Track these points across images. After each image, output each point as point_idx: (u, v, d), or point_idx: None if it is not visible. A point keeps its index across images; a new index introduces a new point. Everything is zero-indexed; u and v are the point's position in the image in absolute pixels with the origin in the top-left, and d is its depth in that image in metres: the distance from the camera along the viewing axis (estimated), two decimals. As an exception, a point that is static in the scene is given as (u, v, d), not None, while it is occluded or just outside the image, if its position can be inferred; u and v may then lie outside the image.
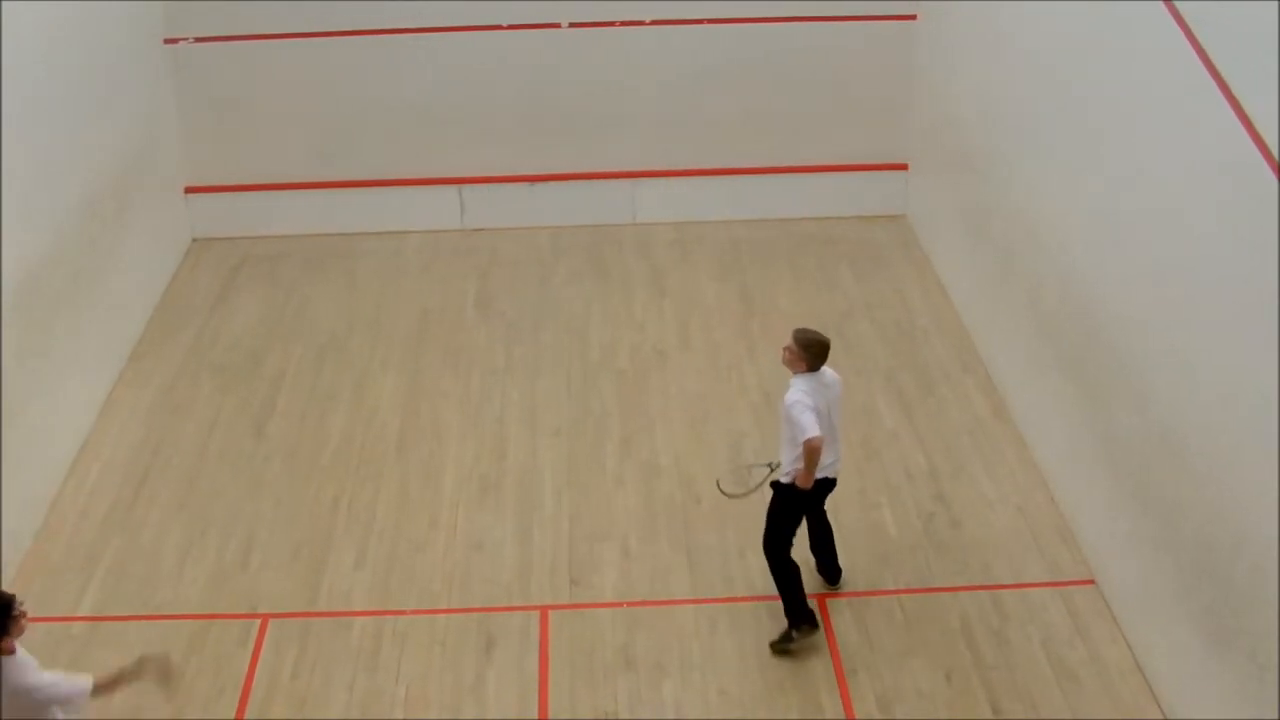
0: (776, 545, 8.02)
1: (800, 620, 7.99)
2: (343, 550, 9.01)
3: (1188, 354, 7.28)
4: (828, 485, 8.08)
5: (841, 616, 8.32)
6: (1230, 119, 6.81)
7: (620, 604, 8.50)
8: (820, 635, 8.11)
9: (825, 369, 7.93)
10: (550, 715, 7.70)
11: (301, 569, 8.84)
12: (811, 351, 7.82)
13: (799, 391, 7.77)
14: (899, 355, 11.08)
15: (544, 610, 8.47)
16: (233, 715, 7.71)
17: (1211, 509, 7.05)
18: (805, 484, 7.77)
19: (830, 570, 8.53)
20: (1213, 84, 7.02)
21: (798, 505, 8.01)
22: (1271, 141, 6.47)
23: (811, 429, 7.61)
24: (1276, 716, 6.43)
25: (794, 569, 8.02)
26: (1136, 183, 8.01)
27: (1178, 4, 7.46)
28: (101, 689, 6.20)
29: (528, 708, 7.75)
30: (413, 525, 9.24)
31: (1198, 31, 7.25)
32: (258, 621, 8.39)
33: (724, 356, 11.12)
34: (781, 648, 8.01)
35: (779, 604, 8.04)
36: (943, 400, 10.48)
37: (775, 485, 8.02)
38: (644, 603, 8.51)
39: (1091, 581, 8.59)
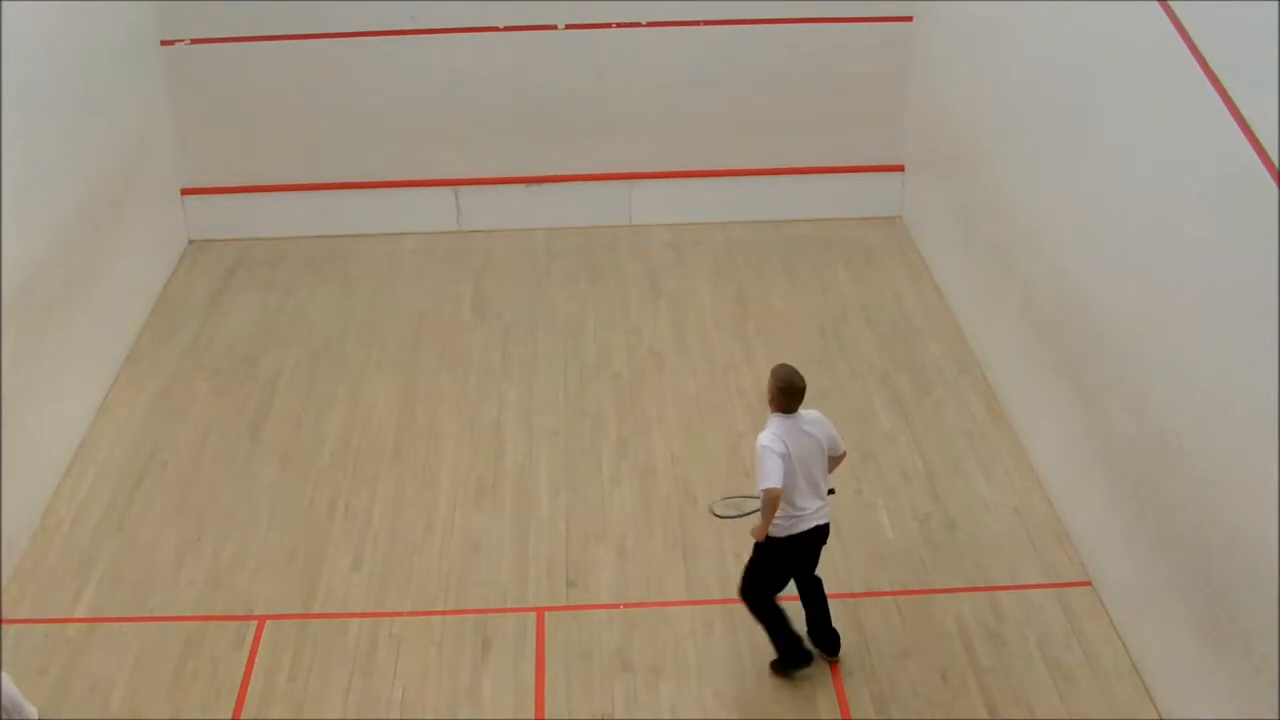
0: (754, 599, 7.68)
1: (795, 664, 7.76)
2: (339, 552, 9.01)
3: (1184, 356, 7.29)
4: (818, 536, 7.54)
5: (838, 617, 8.28)
6: (1227, 121, 6.82)
7: (616, 606, 8.51)
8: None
9: (804, 411, 7.41)
10: (546, 717, 7.70)
11: (298, 571, 8.84)
12: (783, 392, 7.32)
13: (769, 434, 7.28)
14: (895, 357, 11.09)
15: (540, 612, 8.47)
16: (229, 717, 7.71)
17: (1207, 510, 7.06)
18: (757, 536, 7.41)
19: (825, 638, 7.96)
20: (1209, 86, 7.03)
21: (776, 560, 7.54)
22: (1267, 143, 6.48)
23: (771, 478, 7.14)
24: (1272, 718, 6.45)
25: (777, 609, 7.65)
26: (1132, 184, 8.02)
27: (1174, 5, 7.47)
28: None
29: (524, 709, 7.75)
30: (409, 527, 9.24)
31: (1194, 33, 7.26)
32: (254, 623, 8.39)
33: (720, 358, 11.13)
34: (784, 674, 7.88)
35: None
36: (939, 402, 10.49)
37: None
38: (640, 604, 8.52)
39: (1088, 583, 8.60)
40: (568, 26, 12.67)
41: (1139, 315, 7.88)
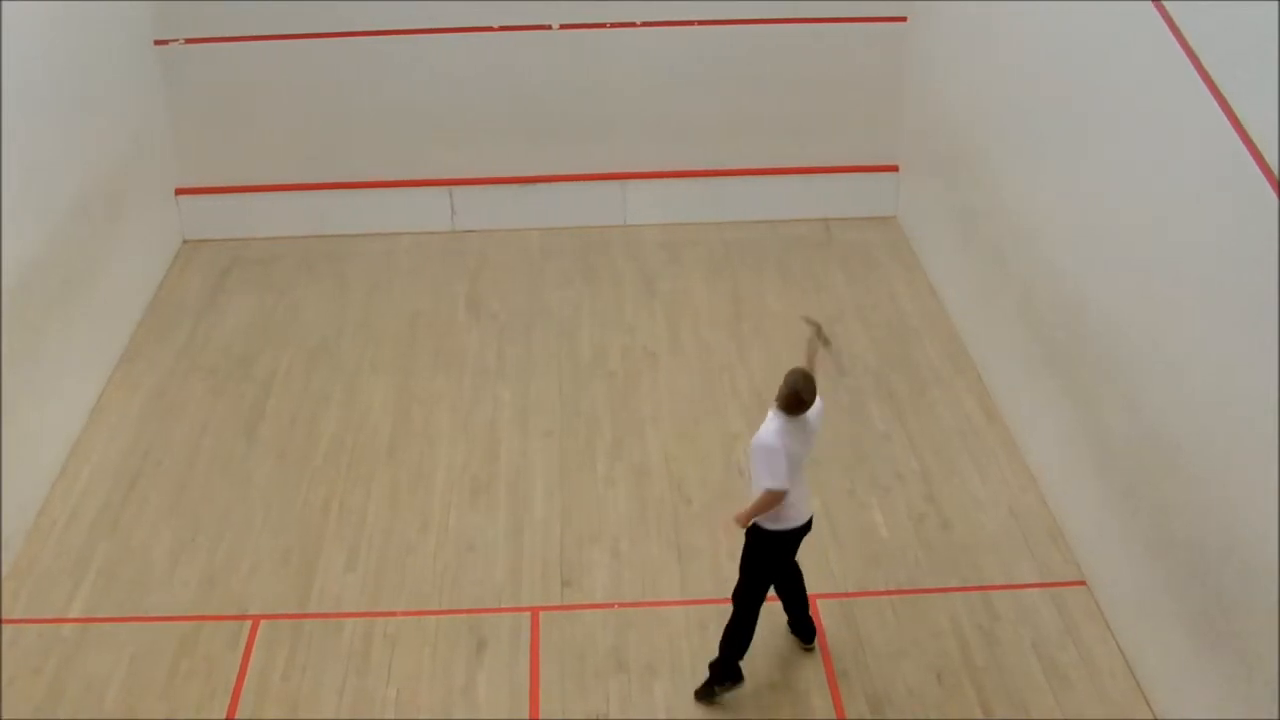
0: (748, 597, 7.53)
1: (726, 677, 7.66)
2: (334, 552, 9.00)
3: (1181, 356, 7.29)
4: (803, 530, 7.49)
5: (833, 617, 8.32)
6: (1222, 122, 6.83)
7: (611, 605, 8.51)
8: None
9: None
10: (541, 717, 7.70)
11: (292, 571, 8.83)
12: (789, 401, 7.06)
13: (772, 433, 7.05)
14: (890, 357, 11.10)
15: (535, 612, 8.47)
16: (223, 717, 7.70)
17: (1202, 510, 7.07)
18: (741, 522, 7.27)
19: (803, 627, 8.07)
20: (1204, 87, 7.03)
21: (772, 552, 7.44)
22: (1262, 142, 6.48)
23: (777, 478, 6.99)
24: (1268, 718, 6.45)
25: (751, 631, 7.56)
26: (1128, 184, 8.02)
27: (1169, 5, 7.48)
28: None
29: (519, 709, 7.74)
30: (404, 527, 9.23)
31: (1189, 34, 7.27)
32: (248, 623, 8.38)
33: (715, 358, 11.13)
34: (707, 699, 7.74)
35: (771, 604, 8.01)
36: (934, 402, 10.49)
37: (748, 531, 7.43)
38: (635, 604, 8.52)
39: (1083, 583, 8.60)
40: (561, 26, 12.66)
41: (1136, 315, 7.89)
